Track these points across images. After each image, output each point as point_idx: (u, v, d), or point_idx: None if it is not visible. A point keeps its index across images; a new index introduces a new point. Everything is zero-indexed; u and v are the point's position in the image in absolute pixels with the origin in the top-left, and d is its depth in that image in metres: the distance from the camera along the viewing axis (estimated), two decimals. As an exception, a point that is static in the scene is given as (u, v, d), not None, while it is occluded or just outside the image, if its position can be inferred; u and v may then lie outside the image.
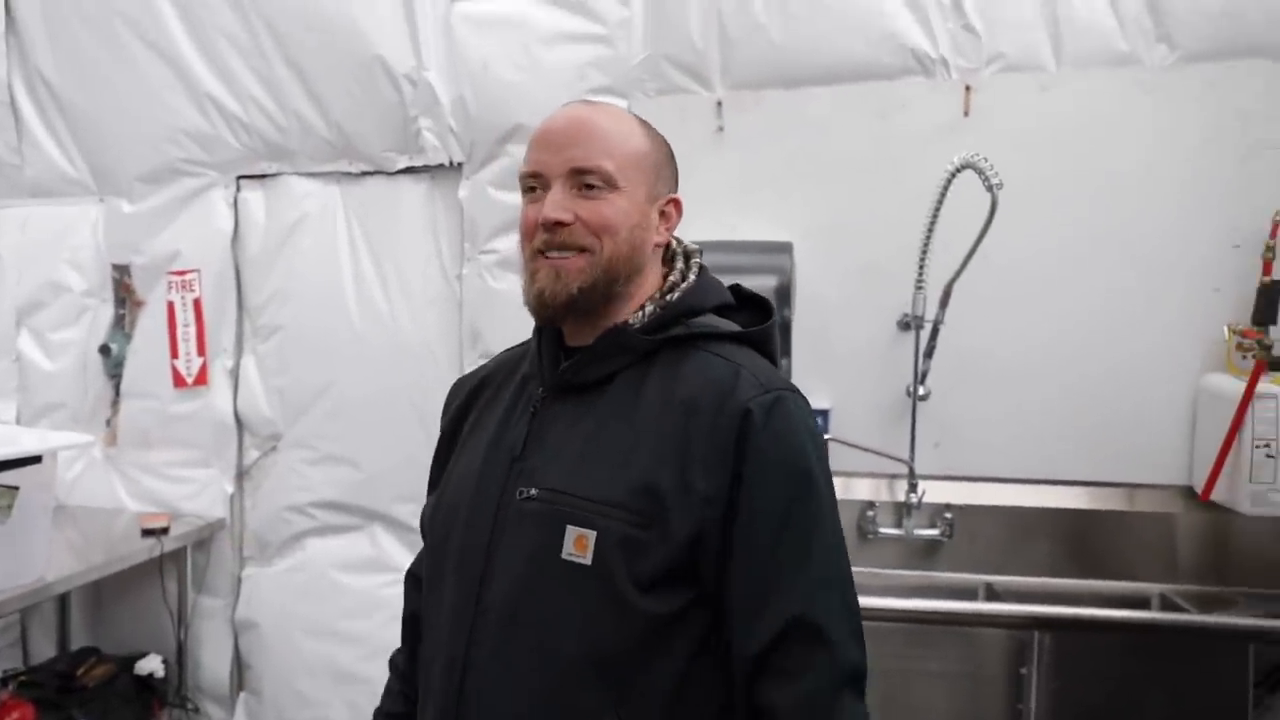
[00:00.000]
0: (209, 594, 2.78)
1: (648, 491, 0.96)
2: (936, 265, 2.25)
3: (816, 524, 0.99)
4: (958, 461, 2.41)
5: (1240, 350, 2.21)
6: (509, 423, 1.09)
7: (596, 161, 1.02)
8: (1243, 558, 2.28)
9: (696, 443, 0.97)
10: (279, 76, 2.63)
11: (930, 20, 2.38)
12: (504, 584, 1.00)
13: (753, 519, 0.96)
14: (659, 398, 1.01)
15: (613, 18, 2.50)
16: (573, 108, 1.08)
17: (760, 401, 0.98)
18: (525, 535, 1.00)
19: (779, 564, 0.96)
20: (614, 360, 1.04)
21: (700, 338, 1.05)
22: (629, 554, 0.95)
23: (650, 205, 1.07)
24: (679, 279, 1.09)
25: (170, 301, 2.75)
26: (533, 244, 1.04)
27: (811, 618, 0.95)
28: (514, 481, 1.03)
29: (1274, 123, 2.22)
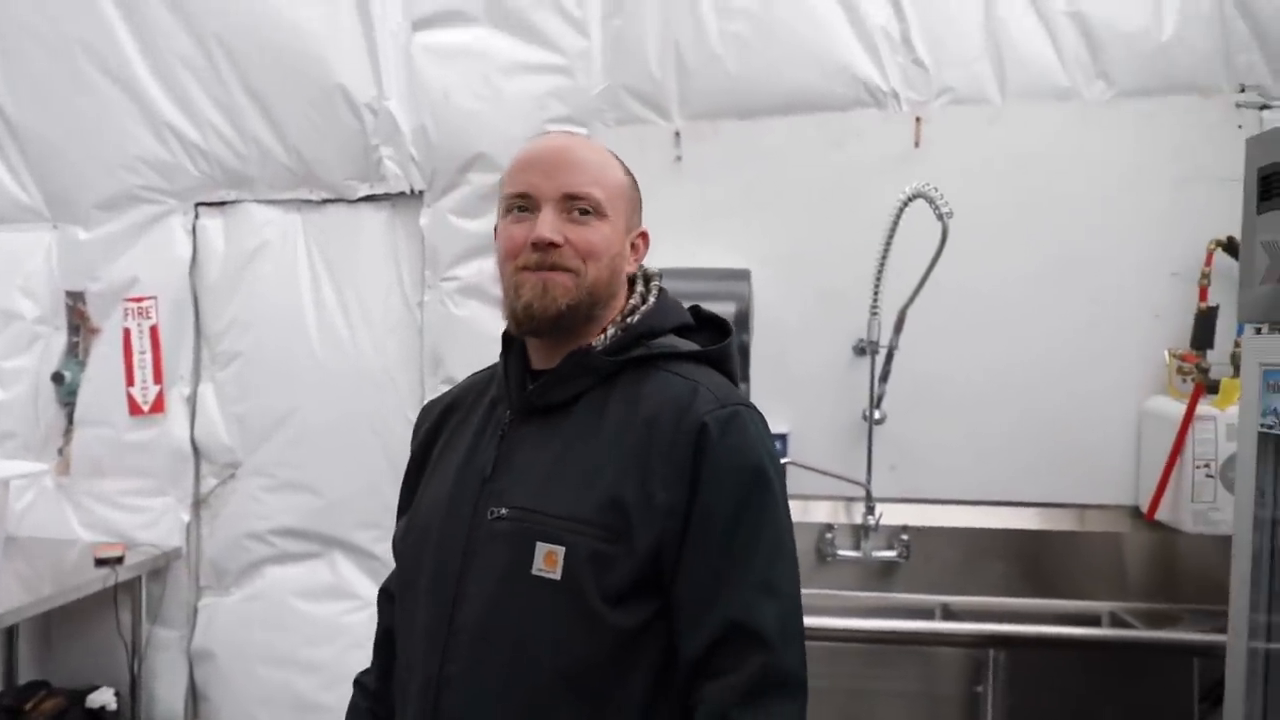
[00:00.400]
0: (164, 625, 2.73)
1: (613, 507, 0.99)
2: (890, 291, 2.31)
3: (766, 530, 1.01)
4: (914, 484, 2.46)
5: (1180, 374, 2.29)
6: (478, 446, 1.11)
7: (588, 189, 1.06)
8: (1187, 575, 2.35)
9: (656, 457, 1.00)
10: (238, 104, 2.63)
11: (881, 54, 2.46)
12: (477, 603, 1.02)
13: (704, 523, 0.99)
14: (621, 416, 1.04)
15: (572, 49, 2.55)
16: (559, 136, 1.13)
17: (716, 416, 1.01)
18: (496, 554, 1.02)
19: (725, 568, 0.99)
20: (578, 382, 1.07)
21: (660, 357, 1.09)
22: (597, 568, 0.97)
23: (626, 236, 1.11)
24: (639, 301, 1.13)
25: (126, 328, 2.72)
26: (517, 261, 1.05)
27: (751, 623, 0.97)
28: (484, 502, 1.05)
29: (1204, 156, 2.31)
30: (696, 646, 0.98)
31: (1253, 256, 1.41)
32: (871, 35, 2.44)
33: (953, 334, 2.43)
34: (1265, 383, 1.39)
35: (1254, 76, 2.33)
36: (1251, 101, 2.33)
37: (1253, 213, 1.42)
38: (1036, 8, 2.40)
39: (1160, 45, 2.35)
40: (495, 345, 2.63)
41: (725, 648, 0.97)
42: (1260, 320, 1.43)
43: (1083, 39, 2.38)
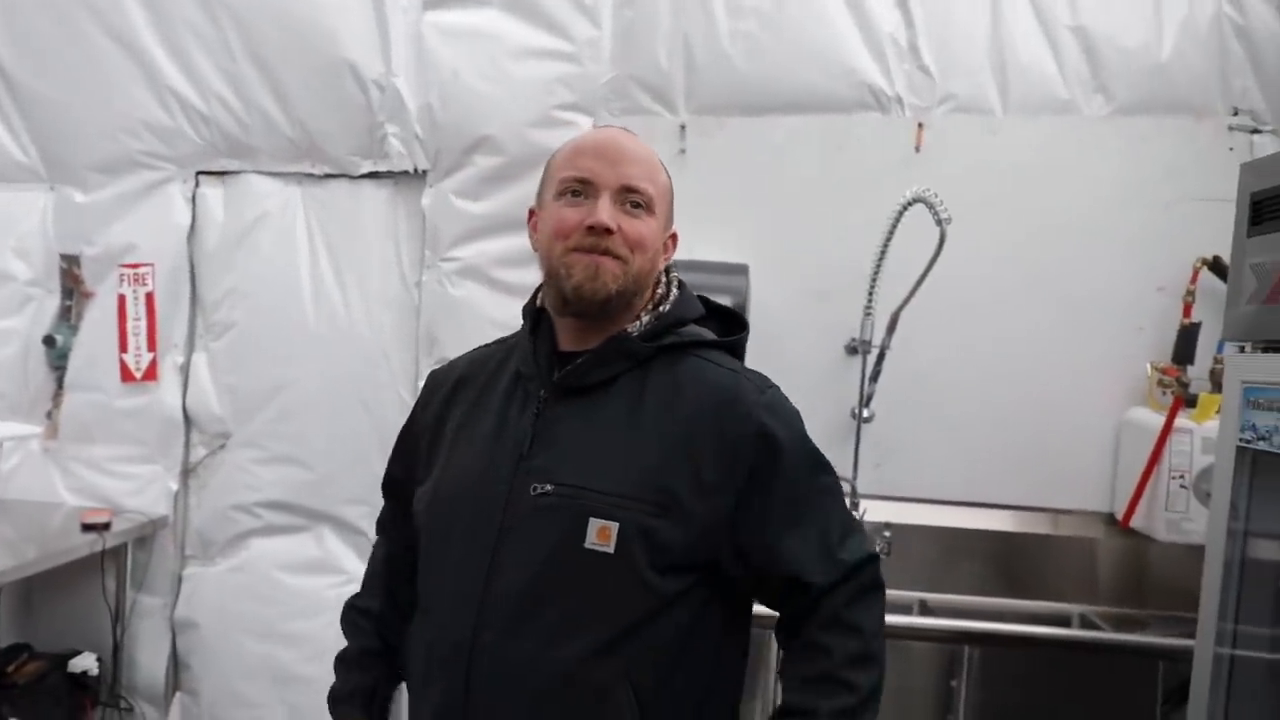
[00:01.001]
0: (148, 592, 2.73)
1: (661, 484, 1.06)
2: (885, 293, 2.35)
3: (825, 484, 1.15)
4: (897, 482, 2.51)
5: (1161, 387, 2.36)
6: (507, 420, 1.15)
7: (643, 184, 1.12)
8: (1157, 581, 2.43)
9: (706, 440, 1.08)
10: (244, 73, 2.62)
11: (887, 59, 2.49)
12: (520, 574, 1.07)
13: (788, 487, 1.10)
14: (662, 399, 1.11)
15: (582, 36, 2.56)
16: (617, 130, 1.19)
17: (765, 403, 1.12)
18: (543, 528, 1.08)
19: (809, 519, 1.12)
20: (616, 365, 1.13)
21: (691, 345, 1.16)
22: (648, 542, 1.05)
23: (664, 234, 1.18)
24: (665, 292, 1.19)
25: (121, 294, 2.70)
26: (568, 242, 1.10)
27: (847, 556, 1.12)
28: (524, 478, 1.10)
29: (1195, 176, 2.38)
30: (824, 580, 1.10)
31: (1241, 278, 1.47)
32: (879, 41, 2.47)
33: (943, 337, 2.48)
34: (1245, 399, 1.45)
35: (1247, 101, 2.39)
36: (1244, 125, 2.39)
37: (1243, 236, 1.47)
38: (1041, 21, 2.44)
39: (1159, 64, 2.40)
40: (490, 328, 2.65)
41: (845, 580, 1.11)
42: (1244, 339, 1.49)
43: (1084, 54, 2.43)
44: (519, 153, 2.53)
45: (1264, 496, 1.50)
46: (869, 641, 1.11)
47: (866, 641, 1.10)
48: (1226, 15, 2.38)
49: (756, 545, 1.10)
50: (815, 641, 1.10)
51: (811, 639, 1.11)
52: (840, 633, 1.09)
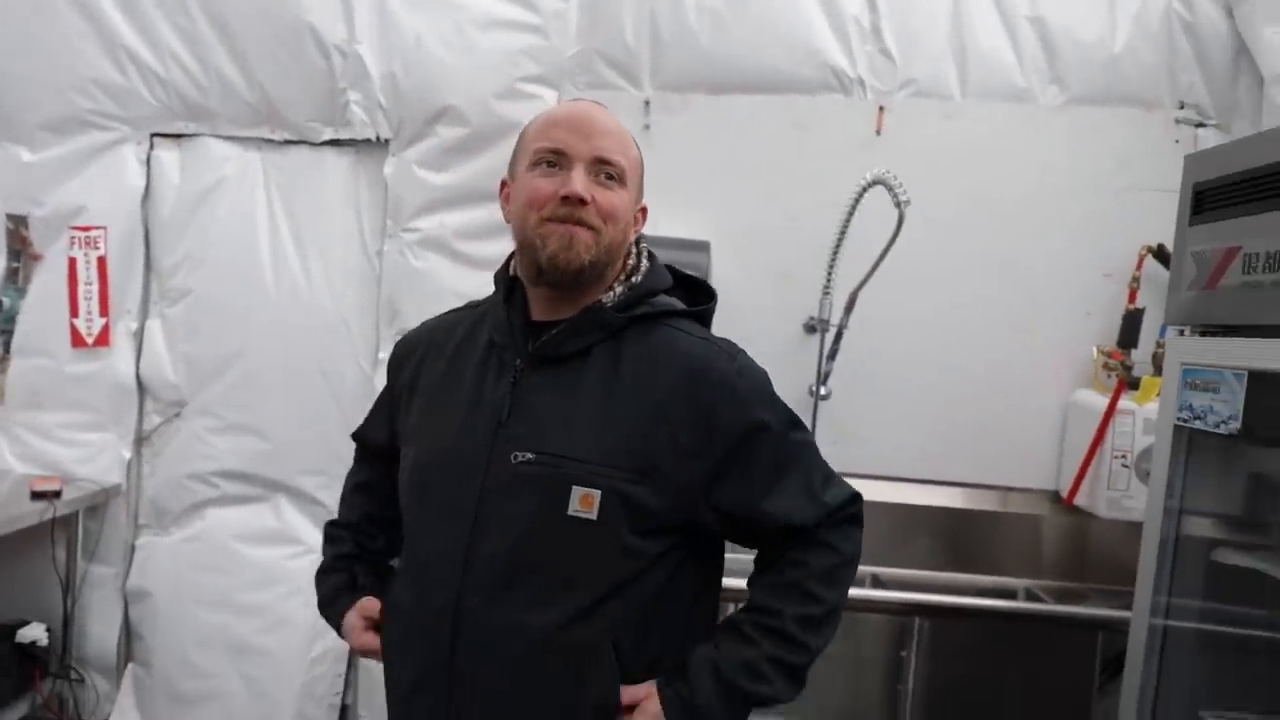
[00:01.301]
0: (100, 562, 2.69)
1: (640, 451, 1.10)
2: (843, 273, 2.39)
3: (799, 440, 1.19)
4: (853, 459, 2.55)
5: (1106, 370, 2.44)
6: (483, 388, 1.17)
7: (616, 156, 1.14)
8: (1099, 557, 2.52)
9: (681, 407, 1.12)
10: (203, 34, 2.56)
11: (851, 42, 2.52)
12: (505, 539, 1.10)
13: (766, 445, 1.14)
14: (637, 369, 1.14)
15: (549, 9, 2.55)
16: (589, 104, 1.20)
17: (734, 368, 1.16)
18: (525, 495, 1.10)
19: (791, 471, 1.17)
20: (590, 335, 1.15)
21: (663, 314, 1.19)
22: (630, 508, 1.09)
23: (635, 206, 1.20)
24: (636, 263, 1.22)
25: (72, 257, 2.64)
26: (542, 212, 1.12)
27: (829, 500, 1.18)
28: (504, 446, 1.12)
29: (1143, 166, 2.45)
30: (809, 520, 1.15)
31: (1182, 265, 1.53)
32: (843, 23, 2.50)
33: (899, 318, 2.54)
34: (1184, 380, 1.51)
35: (1193, 95, 2.47)
36: (1189, 119, 2.47)
37: (1185, 225, 1.52)
38: (1000, 10, 2.49)
39: (1112, 56, 2.47)
40: (452, 299, 2.63)
41: (829, 517, 1.17)
42: (1184, 323, 1.55)
43: (1041, 44, 2.49)
44: (483, 124, 2.52)
45: (1198, 475, 1.57)
46: (843, 562, 1.18)
47: (840, 561, 1.17)
48: (1176, 12, 2.44)
49: (742, 507, 1.15)
50: (792, 557, 1.17)
51: (789, 555, 1.17)
52: (817, 550, 1.16)
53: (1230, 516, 1.67)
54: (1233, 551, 1.58)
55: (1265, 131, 1.98)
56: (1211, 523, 1.66)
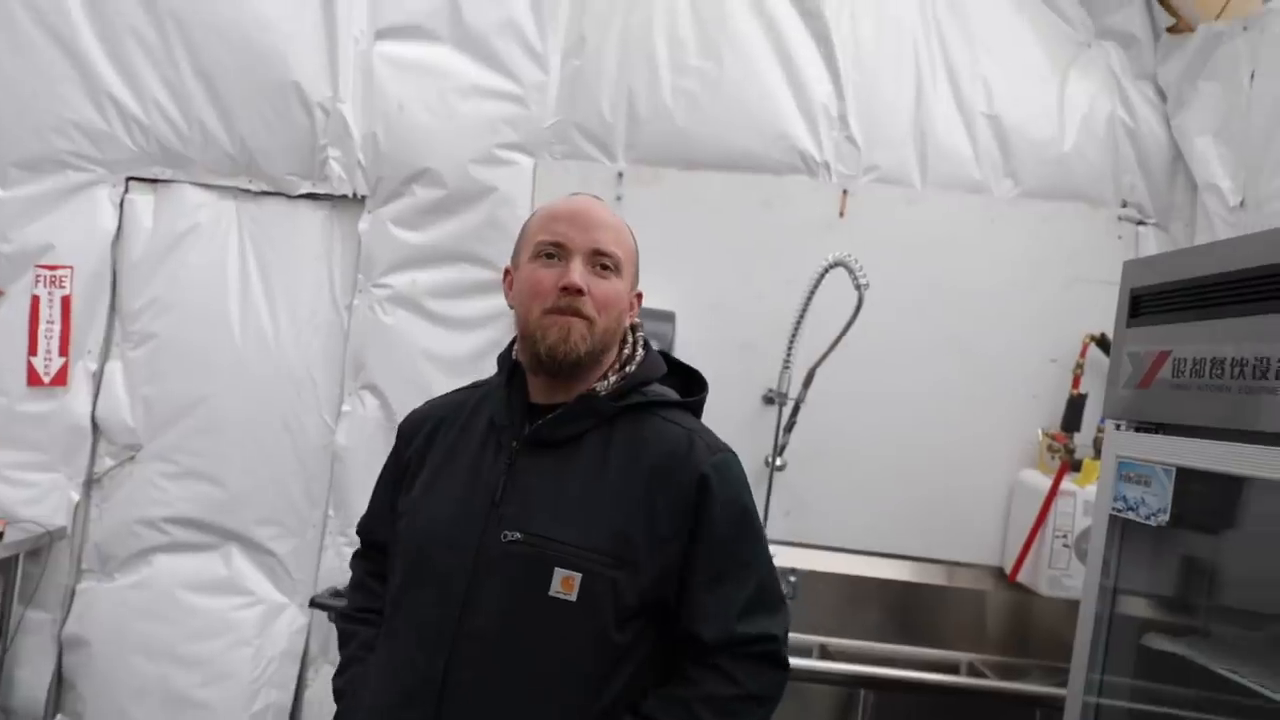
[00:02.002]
0: (37, 607, 2.62)
1: (622, 538, 1.14)
2: (803, 348, 2.47)
3: (758, 550, 1.22)
4: (805, 530, 2.62)
5: (1050, 452, 2.53)
6: (480, 468, 1.22)
7: (613, 248, 1.20)
8: (1039, 633, 2.59)
9: (660, 496, 1.16)
10: (187, 85, 2.60)
11: (819, 127, 2.65)
12: (490, 615, 1.14)
13: (709, 550, 1.17)
14: (625, 457, 1.18)
15: (530, 80, 2.64)
16: (588, 199, 1.27)
17: (713, 463, 1.19)
18: (511, 574, 1.14)
19: (731, 582, 1.18)
20: (584, 422, 1.20)
21: (654, 404, 1.24)
22: (610, 592, 1.13)
23: (630, 294, 1.26)
24: (631, 351, 1.27)
25: (35, 295, 2.62)
26: (544, 303, 1.18)
27: (752, 629, 1.18)
28: (495, 525, 1.16)
29: (1088, 260, 2.59)
30: (711, 640, 1.16)
31: (1120, 363, 1.62)
32: (812, 109, 2.63)
33: (856, 394, 2.62)
34: (1119, 472, 1.59)
35: (1135, 195, 2.63)
36: (1130, 216, 2.63)
37: (1123, 326, 1.62)
38: (959, 106, 2.64)
39: (1061, 155, 2.62)
40: (420, 356, 2.66)
41: (734, 645, 1.17)
42: (1120, 417, 1.63)
43: (996, 140, 2.63)
44: (459, 187, 2.58)
45: (1132, 560, 1.65)
46: (741, 696, 1.16)
47: (738, 694, 1.15)
48: (1119, 118, 2.62)
49: (681, 589, 1.18)
50: (686, 674, 1.17)
51: (685, 672, 1.18)
52: (713, 676, 1.16)
53: (1163, 597, 1.74)
54: (1161, 637, 1.64)
55: (1198, 245, 2.12)
56: (1145, 603, 1.73)
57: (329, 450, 2.64)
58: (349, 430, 2.63)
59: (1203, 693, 1.59)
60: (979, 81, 2.64)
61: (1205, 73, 2.48)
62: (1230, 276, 1.38)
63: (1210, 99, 2.47)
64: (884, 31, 2.66)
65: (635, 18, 2.66)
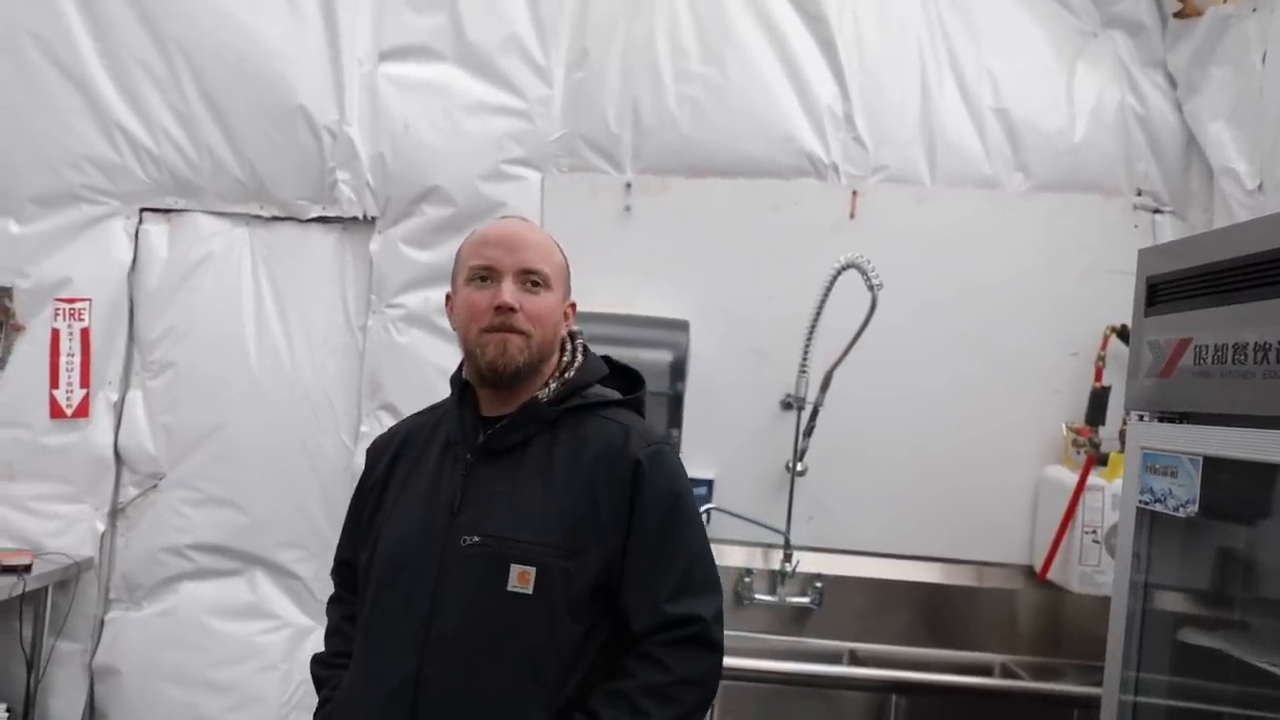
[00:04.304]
0: (67, 638, 2.63)
1: (571, 530, 1.22)
2: (819, 352, 2.46)
3: (686, 538, 1.28)
4: (829, 534, 2.60)
5: (1075, 446, 2.50)
6: (440, 481, 1.30)
7: (540, 266, 1.29)
8: (1072, 631, 2.54)
9: (601, 487, 1.25)
10: (195, 113, 2.63)
11: (825, 129, 2.63)
12: (456, 614, 1.22)
13: (640, 536, 1.24)
14: (569, 456, 1.27)
15: (534, 95, 2.64)
16: (514, 221, 1.37)
17: (647, 453, 1.27)
18: (472, 574, 1.22)
19: (659, 568, 1.24)
20: (529, 428, 1.29)
21: (594, 405, 1.32)
22: (563, 583, 1.21)
23: (562, 305, 1.34)
24: (570, 358, 1.35)
25: (55, 329, 2.65)
26: (481, 323, 1.26)
27: (679, 611, 1.23)
28: (456, 531, 1.24)
29: (1105, 249, 2.55)
30: (640, 626, 1.23)
31: (1140, 353, 1.59)
32: (818, 112, 2.62)
33: (874, 396, 2.59)
34: (1145, 464, 1.56)
35: (1149, 183, 2.59)
36: (1146, 205, 2.59)
37: (1141, 315, 1.59)
38: (967, 102, 2.62)
39: (1072, 146, 2.59)
40: (435, 374, 2.68)
41: (663, 629, 1.23)
42: (1144, 408, 1.60)
43: (1005, 134, 2.61)
44: (468, 204, 2.59)
45: (1163, 553, 1.61)
46: (675, 681, 1.21)
47: (672, 680, 1.21)
48: (1130, 105, 2.59)
49: (619, 588, 1.25)
50: (623, 666, 1.24)
51: (621, 664, 1.24)
52: (646, 664, 1.22)
53: (1197, 590, 1.70)
54: (1198, 631, 1.61)
55: (1214, 230, 2.08)
56: (1179, 597, 1.69)
57: (349, 471, 2.64)
58: (368, 451, 2.63)
59: (1243, 687, 1.55)
60: (985, 76, 2.62)
61: (1216, 57, 2.45)
62: (1249, 260, 1.35)
63: (1222, 83, 2.44)
64: (887, 31, 2.65)
65: (637, 28, 2.67)
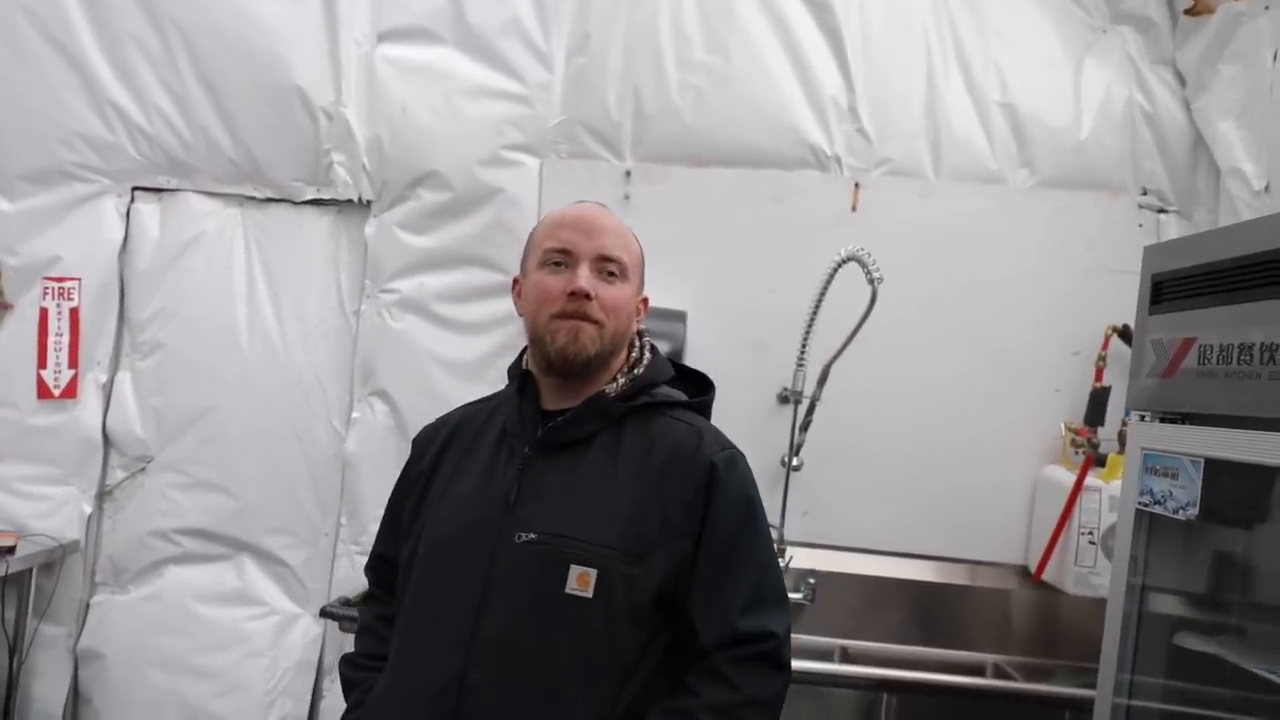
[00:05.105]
0: (51, 621, 2.60)
1: (635, 533, 1.15)
2: (817, 346, 2.42)
3: (759, 548, 1.22)
4: (823, 530, 2.57)
5: (1074, 446, 2.47)
6: (494, 474, 1.23)
7: (619, 254, 1.23)
8: (1066, 633, 2.52)
9: (671, 490, 1.18)
10: (190, 93, 2.59)
11: (829, 120, 2.60)
12: (506, 615, 1.14)
13: (712, 543, 1.18)
14: (636, 455, 1.20)
15: (534, 80, 2.61)
16: (593, 206, 1.29)
17: (721, 457, 1.21)
18: (526, 573, 1.15)
19: (732, 579, 1.17)
20: (594, 423, 1.22)
21: (662, 405, 1.26)
22: (625, 588, 1.14)
23: (637, 298, 1.28)
24: (639, 355, 1.29)
25: (44, 308, 2.62)
26: (552, 308, 1.20)
27: (753, 627, 1.16)
28: (510, 527, 1.17)
29: (1109, 248, 2.52)
30: (709, 640, 1.15)
31: (1143, 352, 1.56)
32: (822, 102, 2.58)
33: (872, 391, 2.56)
34: (1145, 465, 1.53)
35: (1155, 182, 2.56)
36: (1151, 204, 2.56)
37: (1145, 313, 1.56)
38: (972, 95, 2.58)
39: (1078, 143, 2.56)
40: (429, 361, 2.64)
41: (733, 645, 1.15)
42: (1145, 409, 1.58)
43: (1011, 129, 2.58)
44: (465, 189, 2.56)
45: (1161, 556, 1.59)
46: (743, 702, 1.14)
47: (740, 700, 1.14)
48: (1137, 103, 2.55)
49: (685, 596, 1.17)
50: (687, 683, 1.16)
51: (685, 682, 1.16)
52: (713, 682, 1.14)
53: (1194, 594, 1.68)
54: (1194, 636, 1.58)
55: (1221, 228, 2.05)
56: (1176, 600, 1.67)
57: (340, 458, 2.62)
58: (359, 437, 2.60)
59: (1238, 693, 1.53)
60: (992, 70, 2.58)
61: (1226, 55, 2.42)
62: (1257, 258, 1.32)
63: (1231, 81, 2.40)
64: (893, 21, 2.61)
65: (640, 14, 2.63)
